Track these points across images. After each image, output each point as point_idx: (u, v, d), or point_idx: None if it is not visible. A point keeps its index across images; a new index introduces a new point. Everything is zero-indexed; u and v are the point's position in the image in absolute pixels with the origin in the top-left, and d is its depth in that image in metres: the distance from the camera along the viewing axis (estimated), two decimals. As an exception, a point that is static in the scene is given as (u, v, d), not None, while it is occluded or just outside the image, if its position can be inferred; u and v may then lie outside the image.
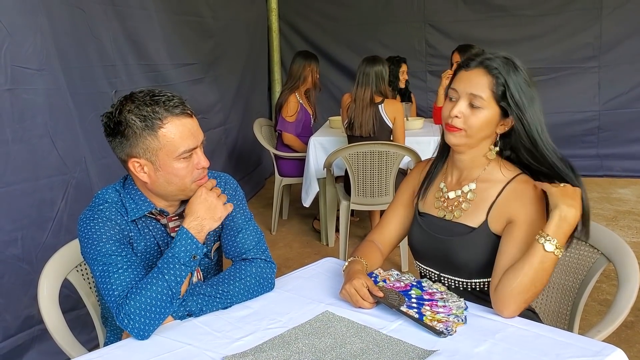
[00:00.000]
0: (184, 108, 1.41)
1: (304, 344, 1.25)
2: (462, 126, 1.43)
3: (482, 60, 1.42)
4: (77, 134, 2.65)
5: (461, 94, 1.43)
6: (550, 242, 1.30)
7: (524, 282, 1.31)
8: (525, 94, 1.40)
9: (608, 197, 4.97)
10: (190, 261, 1.37)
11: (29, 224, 2.35)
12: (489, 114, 1.41)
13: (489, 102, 1.40)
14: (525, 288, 1.31)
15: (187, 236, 1.39)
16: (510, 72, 1.40)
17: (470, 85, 1.41)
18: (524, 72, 1.42)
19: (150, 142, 1.38)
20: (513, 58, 1.43)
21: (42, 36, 2.43)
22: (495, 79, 1.40)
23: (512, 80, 1.39)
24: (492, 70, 1.40)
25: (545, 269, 1.31)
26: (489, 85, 1.40)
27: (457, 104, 1.43)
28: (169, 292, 1.33)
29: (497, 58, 1.42)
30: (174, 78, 3.91)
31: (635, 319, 2.76)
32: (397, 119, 3.67)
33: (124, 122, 1.38)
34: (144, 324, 1.31)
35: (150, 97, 1.39)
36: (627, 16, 5.47)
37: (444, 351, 1.20)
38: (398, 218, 1.66)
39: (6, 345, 2.25)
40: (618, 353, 1.16)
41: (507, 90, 1.39)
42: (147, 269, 1.50)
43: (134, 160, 1.41)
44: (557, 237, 1.30)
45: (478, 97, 1.40)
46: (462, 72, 1.45)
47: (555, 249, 1.30)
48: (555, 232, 1.30)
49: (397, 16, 6.05)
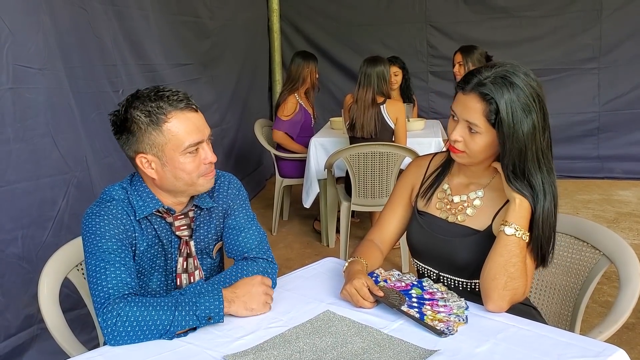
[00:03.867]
0: (188, 102, 1.41)
1: (305, 343, 1.24)
2: (463, 149, 1.44)
3: (475, 85, 1.38)
4: (78, 133, 2.65)
5: (459, 118, 1.43)
6: (509, 225, 1.37)
7: (493, 267, 1.37)
8: (516, 118, 1.34)
9: (609, 199, 4.97)
10: (204, 318, 1.31)
11: (30, 223, 2.35)
12: (487, 139, 1.40)
13: (485, 128, 1.39)
14: (497, 273, 1.36)
15: (218, 297, 1.34)
16: (504, 95, 1.34)
17: (466, 111, 1.41)
18: (525, 89, 1.35)
19: (156, 137, 1.38)
20: (512, 75, 1.36)
21: (44, 35, 2.43)
22: (489, 105, 1.36)
23: (504, 103, 1.34)
24: (485, 96, 1.37)
25: (511, 252, 1.36)
26: (482, 112, 1.38)
27: (457, 128, 1.43)
28: (167, 327, 1.28)
29: (490, 82, 1.36)
30: (170, 78, 3.90)
31: (636, 321, 2.75)
32: (399, 119, 3.67)
33: (130, 119, 1.38)
34: (125, 335, 1.27)
35: (155, 93, 1.40)
36: (626, 18, 5.48)
37: (445, 351, 1.19)
38: (397, 216, 1.66)
39: (6, 344, 2.25)
40: (620, 354, 1.16)
41: (498, 115, 1.36)
42: (149, 267, 1.50)
43: (141, 156, 1.41)
44: (515, 221, 1.37)
45: (474, 124, 1.40)
46: (459, 95, 1.43)
47: (516, 231, 1.36)
48: (515, 217, 1.37)
49: (398, 17, 6.05)
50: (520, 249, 1.37)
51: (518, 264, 1.36)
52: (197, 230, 1.54)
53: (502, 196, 1.47)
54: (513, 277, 1.35)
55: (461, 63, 4.14)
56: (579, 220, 1.74)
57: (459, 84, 1.45)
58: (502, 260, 1.36)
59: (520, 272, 1.36)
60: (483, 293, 1.39)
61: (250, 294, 1.38)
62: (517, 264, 1.36)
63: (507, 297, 1.36)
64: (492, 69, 1.39)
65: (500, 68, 1.38)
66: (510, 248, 1.36)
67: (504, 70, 1.37)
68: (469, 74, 1.43)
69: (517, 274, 1.36)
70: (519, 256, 1.37)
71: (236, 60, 5.31)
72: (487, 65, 1.43)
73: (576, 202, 4.90)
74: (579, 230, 1.69)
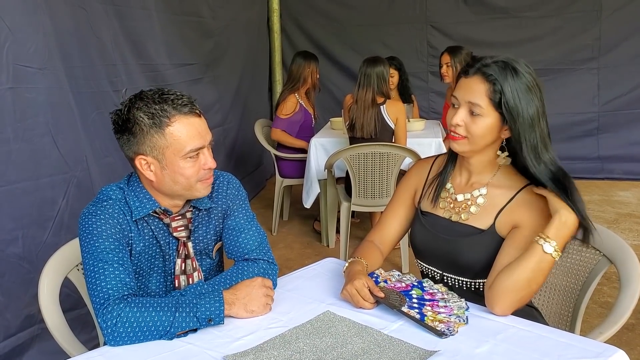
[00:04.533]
0: (192, 107, 1.40)
1: (305, 344, 1.24)
2: (464, 134, 1.44)
3: (479, 67, 1.41)
4: (78, 133, 2.65)
5: (461, 102, 1.43)
6: (550, 244, 1.32)
7: (519, 280, 1.33)
8: (522, 100, 1.37)
9: (609, 199, 4.97)
10: (204, 320, 1.31)
11: (30, 222, 2.35)
12: (489, 121, 1.41)
13: (488, 110, 1.40)
14: (519, 286, 1.33)
15: (219, 299, 1.34)
16: (507, 78, 1.37)
17: (469, 93, 1.41)
18: (526, 76, 1.38)
19: (158, 140, 1.38)
20: (513, 62, 1.39)
21: (44, 35, 2.43)
22: (492, 85, 1.38)
23: (508, 86, 1.37)
24: (488, 77, 1.39)
25: (542, 270, 1.33)
26: (486, 93, 1.39)
27: (458, 112, 1.43)
28: (168, 328, 1.28)
29: (494, 64, 1.39)
30: (172, 78, 3.91)
31: (636, 322, 2.75)
32: (399, 120, 3.67)
33: (132, 119, 1.38)
34: (125, 335, 1.27)
35: (159, 96, 1.39)
36: (626, 18, 5.49)
37: (445, 351, 1.19)
38: (398, 217, 1.66)
39: (6, 344, 2.25)
40: (620, 354, 1.16)
41: (502, 97, 1.37)
42: (147, 268, 1.50)
43: (141, 157, 1.40)
44: (556, 240, 1.32)
45: (477, 105, 1.40)
46: (462, 80, 1.45)
47: (554, 251, 1.32)
48: (556, 234, 1.33)
49: (399, 17, 6.06)
50: (550, 267, 1.34)
51: (541, 280, 1.33)
52: (196, 231, 1.54)
53: (505, 193, 1.47)
54: (531, 293, 1.34)
55: (449, 64, 4.16)
56: (578, 221, 1.74)
57: (461, 71, 1.46)
58: (530, 276, 1.32)
59: (538, 288, 1.34)
60: (492, 296, 1.35)
61: (250, 295, 1.38)
62: (540, 283, 1.34)
63: (516, 306, 1.35)
64: (493, 57, 1.42)
65: (502, 57, 1.42)
66: (542, 266, 1.32)
67: (506, 57, 1.41)
68: (472, 60, 1.45)
69: (536, 289, 1.34)
70: (546, 274, 1.34)
71: (238, 60, 5.32)
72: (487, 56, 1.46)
73: (576, 202, 4.89)
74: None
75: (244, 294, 1.38)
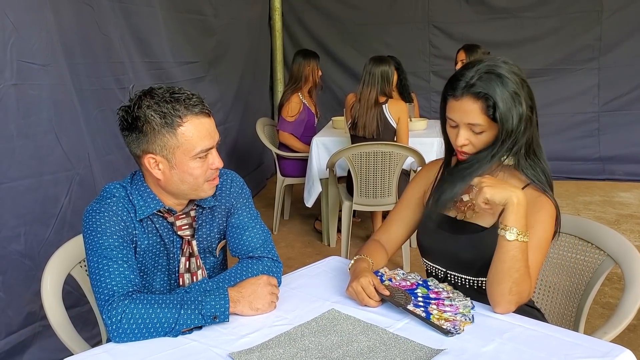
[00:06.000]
0: (202, 107, 1.39)
1: (310, 342, 1.24)
2: (472, 151, 1.45)
3: (466, 88, 1.39)
4: (81, 130, 2.65)
5: (460, 124, 1.44)
6: (510, 231, 1.34)
7: (497, 273, 1.35)
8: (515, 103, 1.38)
9: (610, 200, 4.97)
10: (209, 317, 1.31)
11: (33, 219, 2.34)
12: (492, 132, 1.42)
13: (488, 124, 1.41)
14: (500, 279, 1.35)
15: (224, 296, 1.34)
16: (496, 89, 1.37)
17: (465, 115, 1.41)
18: (511, 77, 1.38)
19: (169, 139, 1.37)
20: (495, 67, 1.39)
21: (48, 32, 2.42)
22: (485, 100, 1.38)
23: (498, 96, 1.37)
24: (478, 94, 1.38)
25: (514, 257, 1.34)
26: (481, 111, 1.39)
27: (460, 133, 1.44)
28: (173, 325, 1.28)
29: (478, 79, 1.38)
30: (176, 76, 3.90)
31: (638, 323, 2.75)
32: (401, 119, 3.67)
33: (143, 118, 1.36)
34: (130, 332, 1.27)
35: (170, 94, 1.37)
36: (627, 18, 5.50)
37: (451, 350, 1.19)
38: (404, 218, 1.66)
39: (8, 341, 2.25)
40: (627, 354, 1.16)
41: (497, 110, 1.38)
42: (152, 266, 1.50)
43: (150, 156, 1.39)
44: (516, 225, 1.33)
45: (476, 125, 1.41)
46: (452, 102, 1.44)
47: (517, 235, 1.33)
48: (515, 220, 1.34)
49: (401, 17, 6.06)
50: (522, 253, 1.35)
51: (522, 268, 1.34)
52: (200, 229, 1.54)
53: None
54: (517, 282, 1.34)
55: (464, 61, 4.14)
56: (582, 221, 1.74)
57: (448, 92, 1.45)
58: (505, 267, 1.34)
59: (524, 276, 1.35)
60: (490, 297, 1.38)
61: (255, 293, 1.38)
62: (520, 268, 1.34)
63: (513, 301, 1.35)
64: (473, 68, 1.41)
65: (481, 64, 1.41)
66: (512, 254, 1.34)
67: (486, 65, 1.40)
68: (454, 78, 1.44)
69: (522, 278, 1.35)
70: (521, 260, 1.35)
71: (239, 58, 5.31)
72: (465, 66, 1.45)
73: (577, 203, 4.89)
74: (582, 230, 1.69)
75: (249, 292, 1.38)
